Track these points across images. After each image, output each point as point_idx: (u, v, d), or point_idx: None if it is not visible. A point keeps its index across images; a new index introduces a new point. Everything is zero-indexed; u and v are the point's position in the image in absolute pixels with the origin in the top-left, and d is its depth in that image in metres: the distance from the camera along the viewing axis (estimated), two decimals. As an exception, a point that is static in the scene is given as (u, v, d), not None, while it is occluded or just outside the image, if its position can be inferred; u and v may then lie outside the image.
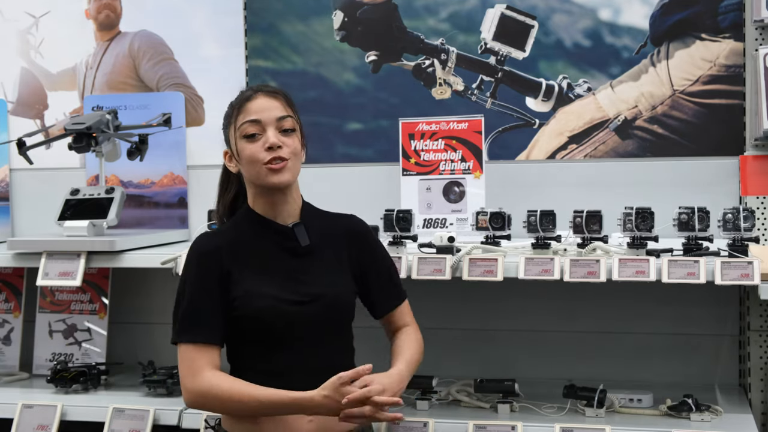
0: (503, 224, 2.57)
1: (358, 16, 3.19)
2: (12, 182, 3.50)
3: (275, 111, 2.11)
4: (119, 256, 2.78)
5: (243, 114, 2.11)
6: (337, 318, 2.15)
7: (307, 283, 2.11)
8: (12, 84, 3.52)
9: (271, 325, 2.06)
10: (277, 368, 2.07)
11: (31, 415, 2.76)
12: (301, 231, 2.14)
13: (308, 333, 2.09)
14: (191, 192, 3.30)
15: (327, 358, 2.11)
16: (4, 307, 3.35)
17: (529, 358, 3.02)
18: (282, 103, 2.13)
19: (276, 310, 2.06)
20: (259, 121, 2.09)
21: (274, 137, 2.08)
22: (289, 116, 2.12)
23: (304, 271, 2.12)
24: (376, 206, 2.69)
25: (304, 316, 2.08)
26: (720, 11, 2.91)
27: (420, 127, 2.95)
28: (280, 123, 2.10)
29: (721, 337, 2.92)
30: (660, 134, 2.97)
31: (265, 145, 2.07)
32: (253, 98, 2.12)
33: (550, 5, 3.06)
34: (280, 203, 2.14)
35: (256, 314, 2.06)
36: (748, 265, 2.31)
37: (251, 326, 2.07)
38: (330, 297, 2.12)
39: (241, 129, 2.10)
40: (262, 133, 2.09)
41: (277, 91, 2.16)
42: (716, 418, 2.50)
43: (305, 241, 2.14)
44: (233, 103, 2.17)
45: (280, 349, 2.07)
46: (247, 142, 2.09)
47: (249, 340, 2.09)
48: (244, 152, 2.10)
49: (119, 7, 3.42)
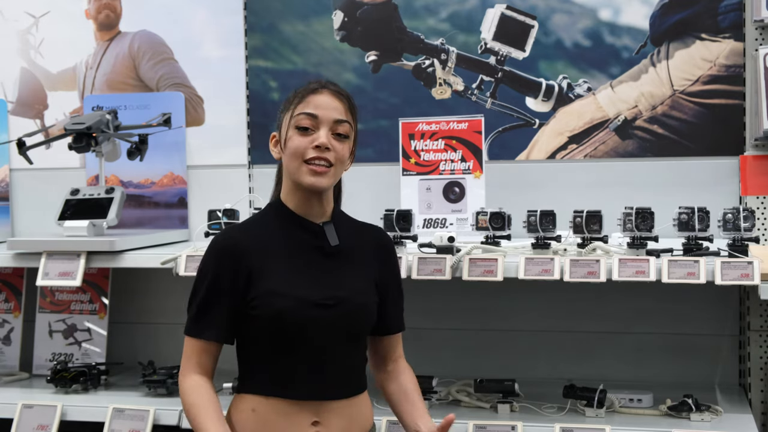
0: (503, 224, 2.57)
1: (358, 16, 3.19)
2: (12, 182, 3.50)
3: (335, 112, 2.05)
4: (119, 256, 2.78)
5: (303, 104, 2.05)
6: (359, 324, 2.09)
7: (331, 285, 2.05)
8: (12, 84, 3.52)
9: (289, 327, 2.00)
10: (290, 372, 2.02)
11: (31, 415, 2.76)
12: (330, 230, 2.09)
13: (327, 337, 2.03)
14: (191, 192, 3.30)
15: (343, 366, 2.06)
16: (4, 307, 3.35)
17: (529, 358, 3.02)
18: (345, 106, 2.07)
19: (297, 311, 2.00)
20: (317, 116, 2.03)
21: (325, 137, 2.02)
22: (347, 122, 2.07)
23: (330, 271, 2.07)
24: (376, 206, 2.69)
25: (326, 319, 2.02)
26: (720, 11, 2.91)
27: (420, 127, 2.95)
28: (336, 126, 2.05)
29: (721, 337, 2.92)
30: (660, 134, 2.97)
31: (314, 143, 2.02)
32: (318, 92, 2.06)
33: (550, 5, 3.06)
34: (313, 202, 2.08)
35: (275, 314, 2.00)
36: (748, 265, 2.31)
37: (268, 326, 2.01)
38: (354, 303, 2.06)
39: (296, 118, 2.04)
40: (315, 129, 2.03)
41: (343, 93, 2.09)
42: (716, 418, 2.50)
43: (334, 241, 2.08)
44: (297, 90, 2.10)
45: (295, 352, 2.02)
46: (297, 134, 2.04)
47: (264, 341, 2.03)
48: (291, 142, 2.04)
49: (119, 7, 3.42)
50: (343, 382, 2.05)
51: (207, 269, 2.05)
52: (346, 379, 2.07)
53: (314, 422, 2.01)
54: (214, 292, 2.03)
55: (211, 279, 2.04)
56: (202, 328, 2.04)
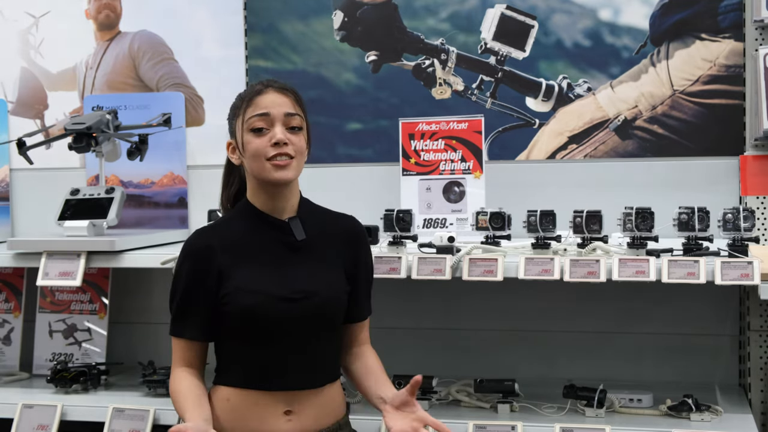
0: (503, 224, 2.57)
1: (358, 16, 3.19)
2: (12, 182, 3.50)
3: (284, 107, 2.11)
4: (119, 256, 2.78)
5: (252, 107, 2.10)
6: (328, 316, 2.14)
7: (300, 279, 2.11)
8: (12, 84, 3.52)
9: (259, 322, 2.07)
10: (262, 365, 2.09)
11: (31, 415, 2.76)
12: (296, 225, 2.14)
13: (297, 330, 2.09)
14: (191, 192, 3.30)
15: (313, 357, 2.12)
16: (4, 307, 3.35)
17: (529, 358, 3.02)
18: (292, 100, 2.13)
19: (265, 307, 2.06)
20: (268, 115, 2.09)
21: (281, 133, 2.08)
22: (298, 114, 2.12)
23: (298, 266, 2.12)
24: (376, 206, 2.69)
25: (294, 313, 2.08)
26: (720, 11, 2.91)
27: (420, 127, 2.95)
28: (288, 120, 2.10)
29: (721, 337, 2.92)
30: (660, 134, 2.97)
31: (272, 141, 2.07)
32: (263, 92, 2.11)
33: (550, 5, 3.06)
34: (279, 198, 2.14)
35: (244, 311, 2.06)
36: (748, 265, 2.31)
37: (239, 322, 2.08)
38: (322, 295, 2.12)
39: (248, 122, 2.10)
40: (269, 128, 2.09)
41: (287, 88, 2.15)
42: (716, 418, 2.50)
43: (301, 236, 2.14)
44: (242, 95, 2.16)
45: (266, 345, 2.08)
46: (253, 136, 2.09)
47: (236, 336, 2.10)
48: (249, 145, 2.09)
49: (119, 7, 3.42)
50: (314, 373, 2.12)
51: (181, 271, 2.14)
52: (318, 370, 2.13)
53: (286, 411, 2.09)
54: (189, 292, 2.12)
55: (185, 280, 2.13)
56: (182, 328, 2.14)
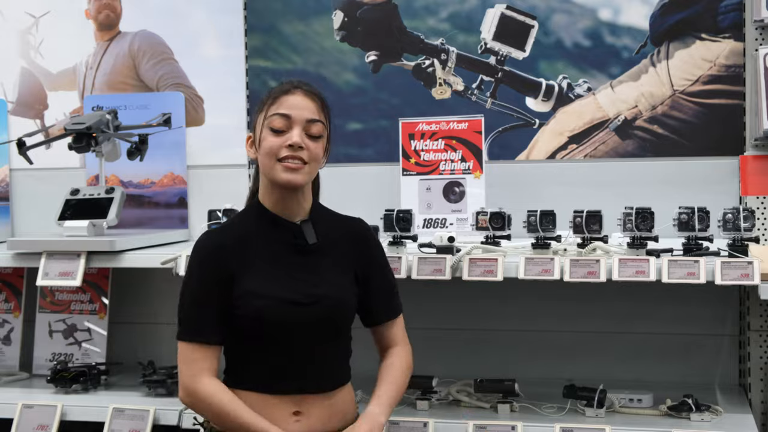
0: (503, 224, 2.57)
1: (358, 16, 3.19)
2: (12, 182, 3.50)
3: (307, 112, 2.09)
4: (119, 256, 2.78)
5: (276, 105, 2.08)
6: (338, 320, 2.14)
7: (310, 283, 2.10)
8: (12, 84, 3.52)
9: (270, 325, 2.06)
10: (272, 367, 2.08)
11: (31, 415, 2.76)
12: (308, 228, 2.13)
13: (306, 334, 2.08)
14: (191, 192, 3.30)
15: (323, 360, 2.11)
16: (4, 307, 3.35)
17: (529, 358, 3.02)
18: (317, 106, 2.11)
19: (276, 311, 2.05)
20: (290, 117, 2.07)
21: (298, 137, 2.06)
22: (320, 121, 2.10)
23: (308, 269, 2.11)
24: (376, 206, 2.69)
25: (304, 317, 2.07)
26: (720, 11, 2.91)
27: (420, 127, 2.95)
28: (309, 126, 2.08)
29: (721, 337, 2.92)
30: (660, 134, 2.97)
31: (287, 143, 2.06)
32: (290, 92, 2.09)
33: (550, 5, 3.06)
34: (290, 200, 2.12)
35: (255, 314, 2.05)
36: (748, 265, 2.31)
37: (251, 326, 2.07)
38: (332, 299, 2.11)
39: (270, 119, 2.08)
40: (288, 129, 2.07)
41: (315, 93, 2.13)
42: (716, 418, 2.50)
43: (312, 239, 2.12)
44: (270, 91, 2.14)
45: (277, 349, 2.07)
46: (271, 134, 2.07)
47: (248, 339, 2.09)
48: (264, 142, 2.08)
49: (119, 7, 3.42)
50: (323, 377, 2.12)
51: (192, 274, 2.11)
52: (327, 373, 2.13)
53: (295, 412, 2.08)
54: (201, 296, 2.08)
55: (200, 282, 2.09)
56: (201, 331, 2.08)
